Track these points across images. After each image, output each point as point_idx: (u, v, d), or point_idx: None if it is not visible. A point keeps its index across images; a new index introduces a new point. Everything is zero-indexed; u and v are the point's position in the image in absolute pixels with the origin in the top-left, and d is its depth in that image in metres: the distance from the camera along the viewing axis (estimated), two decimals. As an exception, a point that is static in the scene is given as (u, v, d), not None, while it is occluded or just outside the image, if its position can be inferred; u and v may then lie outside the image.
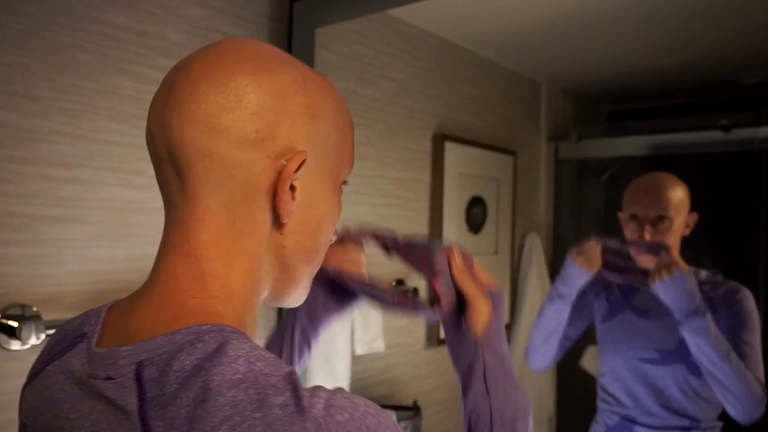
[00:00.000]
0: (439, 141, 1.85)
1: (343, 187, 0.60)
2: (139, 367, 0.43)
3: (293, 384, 0.41)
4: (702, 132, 1.98)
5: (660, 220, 1.41)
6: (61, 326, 0.55)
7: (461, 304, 0.74)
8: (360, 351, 1.58)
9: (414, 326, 1.81)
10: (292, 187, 0.52)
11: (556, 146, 2.29)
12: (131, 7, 1.21)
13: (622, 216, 1.49)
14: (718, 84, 2.11)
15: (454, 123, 1.92)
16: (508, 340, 2.15)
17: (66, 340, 0.52)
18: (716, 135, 1.93)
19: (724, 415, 1.42)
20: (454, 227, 1.91)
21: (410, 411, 1.63)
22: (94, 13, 1.16)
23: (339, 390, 0.45)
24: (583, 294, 1.53)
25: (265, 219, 0.52)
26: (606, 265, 1.43)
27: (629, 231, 1.47)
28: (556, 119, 2.33)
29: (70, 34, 1.13)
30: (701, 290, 1.34)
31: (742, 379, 1.23)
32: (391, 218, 1.73)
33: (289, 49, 1.48)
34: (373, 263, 1.70)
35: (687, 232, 1.45)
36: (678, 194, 1.41)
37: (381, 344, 1.60)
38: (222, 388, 0.40)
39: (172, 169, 0.51)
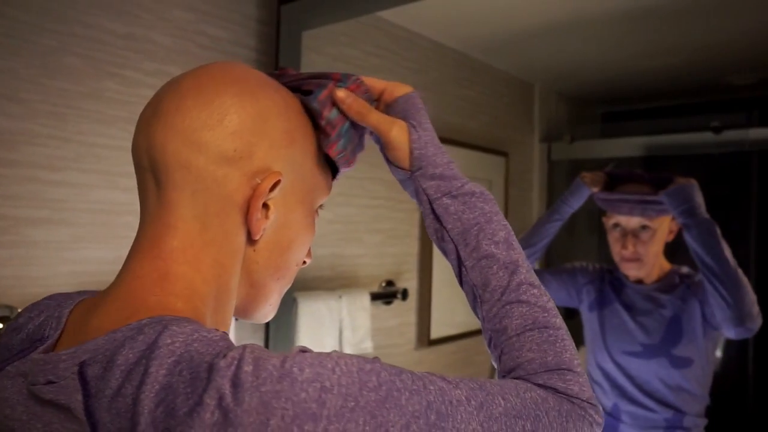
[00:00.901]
0: (429, 142, 1.85)
1: (320, 210, 0.63)
2: (82, 366, 0.44)
3: (228, 362, 0.40)
4: (694, 133, 1.98)
5: (643, 229, 1.43)
6: (23, 322, 0.55)
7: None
8: (348, 352, 1.59)
9: (405, 327, 1.82)
10: (266, 206, 0.55)
11: (549, 147, 2.30)
12: (118, 11, 1.23)
13: (606, 222, 1.50)
14: (710, 85, 2.11)
15: (445, 124, 1.93)
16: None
17: (27, 341, 0.53)
18: (708, 136, 1.94)
19: (711, 414, 1.43)
20: (445, 228, 1.91)
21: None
22: (81, 17, 1.17)
23: (300, 357, 0.42)
24: (576, 275, 1.60)
25: (238, 233, 0.54)
26: (608, 186, 1.52)
27: (613, 239, 1.49)
28: (550, 120, 2.34)
29: (56, 38, 1.14)
30: (683, 282, 1.40)
31: (742, 277, 1.26)
32: (381, 219, 1.74)
33: (276, 52, 1.49)
34: (365, 264, 1.72)
35: (671, 238, 1.46)
36: (660, 205, 1.41)
37: (369, 345, 1.61)
38: (159, 372, 0.41)
39: (151, 177, 0.53)
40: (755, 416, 1.88)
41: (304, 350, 0.43)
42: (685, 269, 1.48)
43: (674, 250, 1.67)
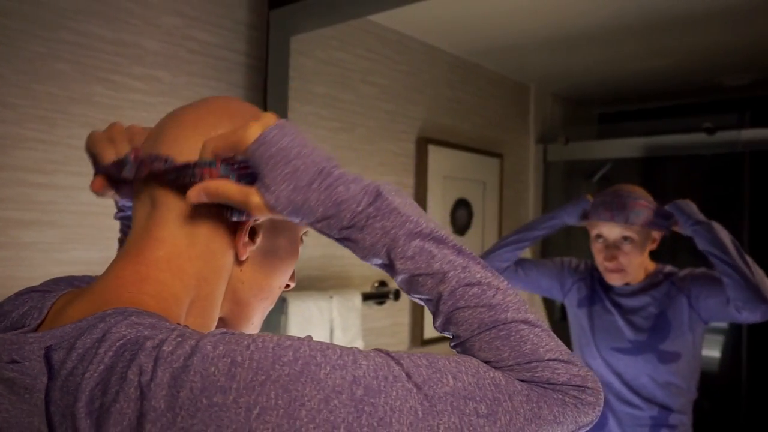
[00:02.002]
0: (422, 144, 1.87)
1: (304, 237, 0.66)
2: (48, 350, 0.47)
3: (154, 342, 0.43)
4: (690, 134, 1.99)
5: (624, 240, 1.44)
6: (9, 309, 0.58)
7: None
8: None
9: (398, 327, 1.83)
10: (255, 231, 0.58)
11: (545, 148, 2.31)
12: (106, 17, 1.25)
13: (590, 231, 1.51)
14: (704, 87, 2.11)
15: (438, 126, 1.95)
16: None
17: (10, 328, 0.55)
18: (703, 137, 1.94)
19: (695, 410, 1.44)
20: (437, 229, 1.93)
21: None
22: (69, 23, 1.20)
23: (220, 340, 0.43)
24: (563, 270, 1.62)
25: (225, 253, 0.57)
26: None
27: (596, 249, 1.49)
28: (545, 121, 2.34)
29: (45, 44, 1.17)
30: (667, 279, 1.43)
31: (754, 265, 1.28)
32: (373, 221, 1.76)
33: (266, 57, 1.51)
34: (358, 265, 1.74)
35: (654, 247, 1.47)
36: (645, 208, 1.41)
37: (360, 345, 1.63)
38: (107, 354, 0.44)
39: (148, 197, 0.57)
40: (750, 414, 1.88)
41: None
42: (668, 268, 1.50)
43: (671, 248, 1.68)
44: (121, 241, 0.77)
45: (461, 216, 2.02)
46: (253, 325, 0.64)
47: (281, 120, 0.54)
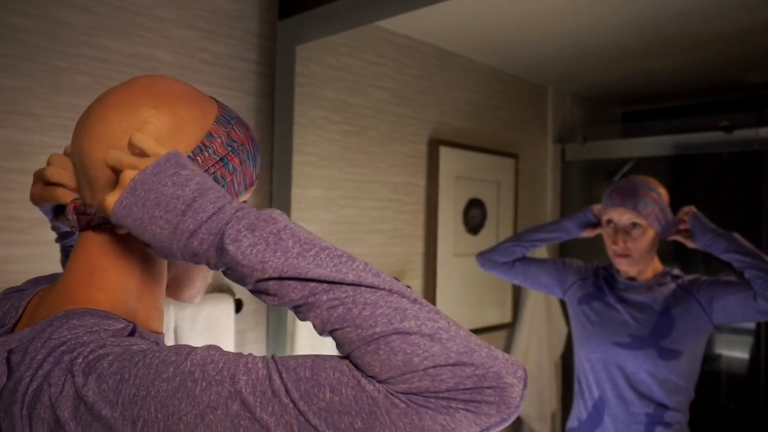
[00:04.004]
0: (434, 146, 1.92)
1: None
2: (9, 353, 0.54)
3: (72, 356, 0.50)
4: (708, 133, 1.97)
5: (633, 227, 1.46)
6: None
7: None
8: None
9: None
10: None
11: (563, 148, 2.32)
12: (123, 32, 1.35)
13: (602, 218, 1.54)
14: (727, 84, 2.09)
15: (451, 128, 1.99)
16: (511, 340, 2.20)
17: None
18: (721, 135, 1.93)
19: (692, 409, 1.44)
20: (450, 228, 1.97)
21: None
22: (88, 39, 1.30)
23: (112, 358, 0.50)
24: (566, 269, 1.67)
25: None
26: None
27: (606, 234, 1.52)
28: (564, 121, 2.36)
29: (66, 58, 1.27)
30: (674, 280, 1.47)
31: None
32: (385, 220, 1.82)
33: (273, 65, 1.59)
34: (371, 253, 1.79)
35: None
36: (654, 201, 1.44)
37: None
38: (47, 359, 0.51)
39: (84, 179, 0.62)
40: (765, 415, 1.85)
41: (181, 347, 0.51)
42: (676, 270, 1.51)
43: (680, 253, 1.67)
44: (63, 263, 0.82)
45: (475, 215, 2.05)
46: (196, 290, 0.70)
47: (140, 175, 0.54)
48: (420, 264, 1.92)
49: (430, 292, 1.93)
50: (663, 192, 1.49)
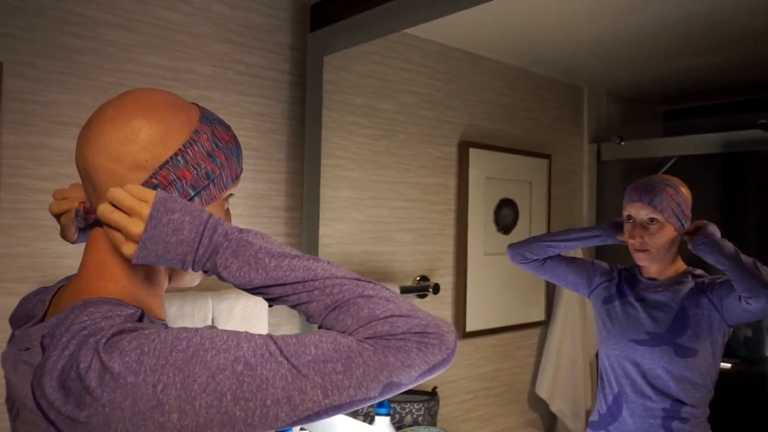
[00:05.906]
0: (464, 148, 1.98)
1: (230, 200, 0.81)
2: (43, 338, 0.65)
3: (96, 338, 0.60)
4: (746, 131, 1.95)
5: (651, 222, 1.48)
6: (24, 303, 0.79)
7: None
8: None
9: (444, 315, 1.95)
10: None
11: (599, 148, 2.33)
12: (164, 49, 1.49)
13: (624, 214, 1.58)
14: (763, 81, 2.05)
15: (481, 130, 2.04)
16: (545, 338, 2.22)
17: (26, 316, 0.76)
18: (759, 133, 1.90)
19: (712, 407, 1.45)
20: (481, 227, 2.03)
21: (426, 395, 1.79)
22: (133, 56, 1.44)
23: (144, 337, 0.59)
24: (594, 269, 1.71)
25: None
26: None
27: (626, 230, 1.55)
28: (600, 121, 2.36)
29: (113, 74, 1.42)
30: (694, 280, 1.50)
31: (759, 263, 1.31)
32: (413, 219, 1.90)
33: (304, 74, 1.70)
34: (398, 261, 1.88)
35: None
36: (671, 197, 1.47)
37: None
38: (72, 341, 0.61)
39: (89, 184, 0.71)
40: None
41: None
42: (698, 271, 1.52)
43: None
44: None
45: (506, 215, 2.10)
46: (185, 280, 0.79)
47: (145, 234, 0.65)
48: (451, 262, 1.98)
49: (461, 289, 1.99)
50: (684, 190, 1.50)
